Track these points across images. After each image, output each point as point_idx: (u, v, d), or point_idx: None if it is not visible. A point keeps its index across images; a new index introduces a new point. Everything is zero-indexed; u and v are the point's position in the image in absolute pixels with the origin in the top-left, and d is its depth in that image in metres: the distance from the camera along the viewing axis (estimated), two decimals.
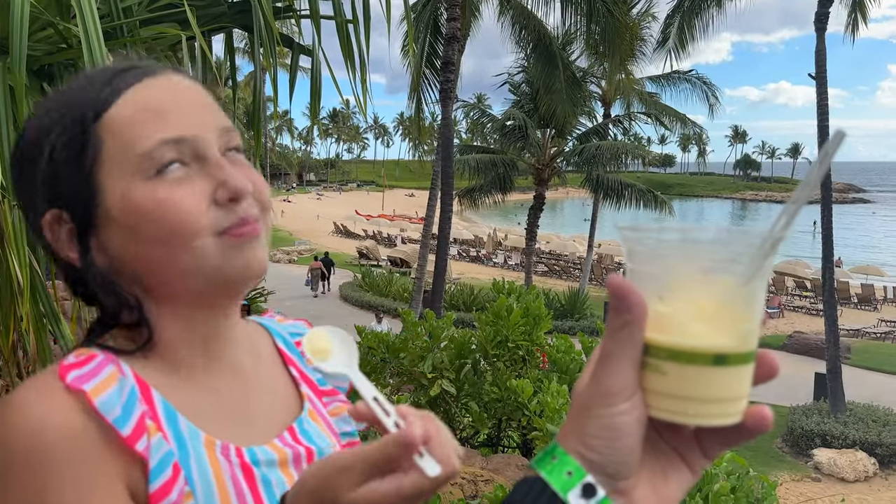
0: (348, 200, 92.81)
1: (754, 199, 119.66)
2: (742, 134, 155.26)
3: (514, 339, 4.80)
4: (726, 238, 0.53)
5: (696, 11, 16.35)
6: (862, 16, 15.97)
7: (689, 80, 24.91)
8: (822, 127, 14.18)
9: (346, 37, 3.32)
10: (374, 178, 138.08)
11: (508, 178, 23.47)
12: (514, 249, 42.51)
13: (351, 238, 50.92)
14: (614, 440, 0.51)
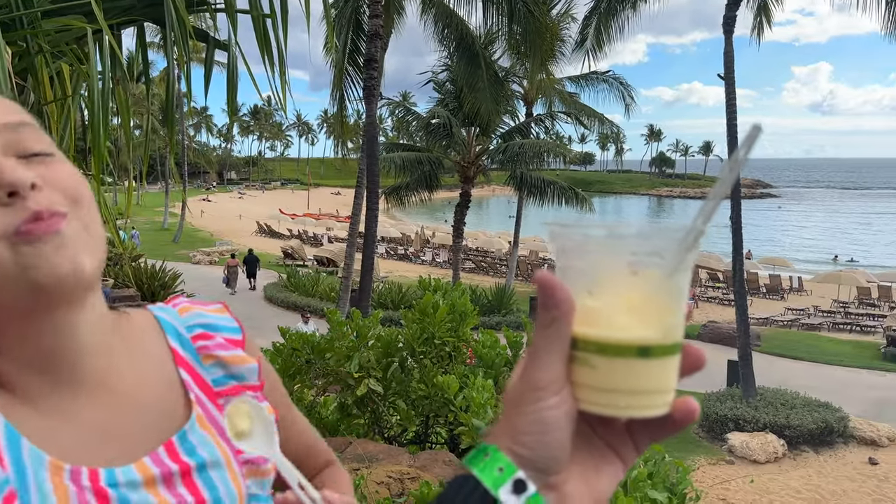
0: (272, 199, 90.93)
1: (669, 195, 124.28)
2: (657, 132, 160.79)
3: (440, 335, 4.83)
4: (650, 233, 0.53)
5: (613, 13, 16.80)
6: (767, 19, 16.82)
7: (606, 81, 25.65)
8: (731, 125, 14.85)
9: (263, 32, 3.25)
10: (299, 176, 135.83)
11: (435, 175, 23.55)
12: (441, 247, 42.68)
13: (275, 238, 49.90)
14: (544, 435, 0.51)
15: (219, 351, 0.85)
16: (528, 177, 23.81)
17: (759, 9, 16.59)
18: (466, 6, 14.57)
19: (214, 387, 0.83)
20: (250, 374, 0.87)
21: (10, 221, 0.63)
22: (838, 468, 13.00)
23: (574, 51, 18.83)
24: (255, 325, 9.48)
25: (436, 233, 49.90)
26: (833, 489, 12.10)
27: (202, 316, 0.88)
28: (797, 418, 13.77)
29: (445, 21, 15.89)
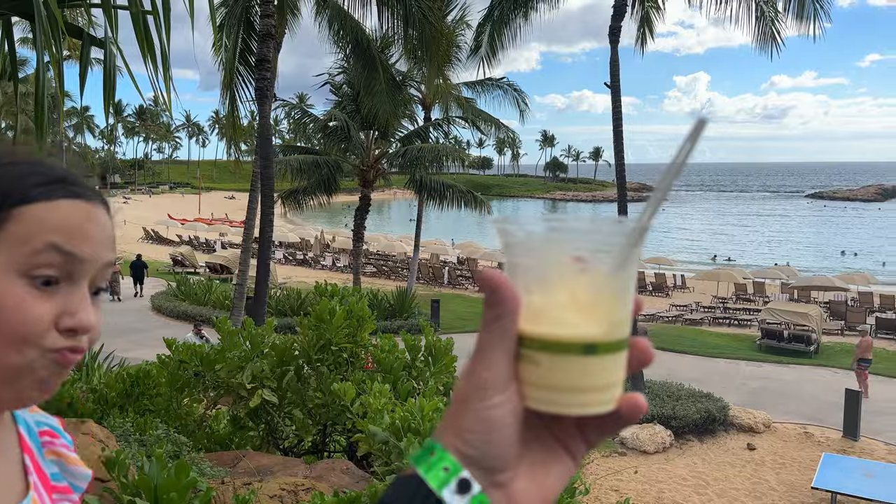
0: (160, 204, 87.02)
1: (563, 198, 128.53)
2: (551, 138, 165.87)
3: (337, 342, 4.75)
4: (596, 229, 0.53)
5: (505, 21, 17.17)
6: (649, 31, 17.70)
7: (501, 87, 26.23)
8: (618, 132, 15.53)
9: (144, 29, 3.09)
10: (190, 179, 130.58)
11: (333, 179, 23.24)
12: (342, 251, 42.21)
13: (164, 244, 47.72)
14: (489, 433, 0.50)
15: (61, 449, 0.90)
16: (428, 180, 23.95)
17: (642, 20, 17.43)
18: (361, 9, 14.47)
19: (52, 481, 0.87)
20: (83, 480, 0.90)
21: (57, 341, 0.74)
22: (720, 455, 13.84)
23: (469, 57, 19.13)
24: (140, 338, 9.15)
25: (336, 237, 49.30)
26: (716, 475, 12.86)
27: (48, 419, 0.92)
28: (682, 409, 14.55)
29: (340, 23, 15.71)
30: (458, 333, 23.39)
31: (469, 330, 24.14)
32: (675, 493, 12.00)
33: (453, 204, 24.62)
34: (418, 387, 4.81)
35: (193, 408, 5.00)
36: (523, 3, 16.73)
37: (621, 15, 15.61)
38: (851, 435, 14.33)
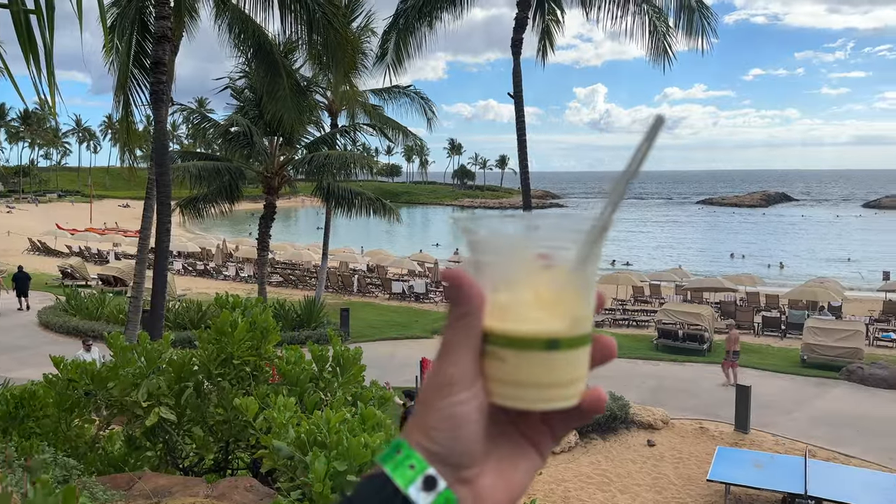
0: (48, 213, 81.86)
1: (471, 205, 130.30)
2: (458, 146, 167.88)
3: (240, 355, 4.59)
4: (558, 226, 0.53)
5: (410, 30, 17.25)
6: (550, 43, 18.24)
7: (408, 95, 26.31)
8: (521, 140, 15.90)
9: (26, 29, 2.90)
10: (80, 187, 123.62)
11: (236, 186, 22.57)
12: (246, 261, 41.05)
13: (52, 256, 44.90)
14: (455, 429, 0.50)
15: None
16: (336, 188, 23.68)
17: (543, 33, 17.94)
18: (263, 13, 14.14)
19: None
20: None
21: None
22: (622, 452, 14.35)
23: (375, 64, 19.10)
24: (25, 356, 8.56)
25: (239, 246, 47.92)
26: (619, 472, 13.33)
27: None
28: None
29: (241, 27, 15.29)
30: (369, 342, 23.22)
31: (380, 338, 24.04)
32: (580, 491, 12.34)
33: (362, 211, 24.46)
34: (326, 398, 4.73)
35: (85, 429, 4.71)
36: (428, 12, 16.87)
37: (523, 27, 16.01)
38: (742, 428, 15.21)
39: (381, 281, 35.80)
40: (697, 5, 15.71)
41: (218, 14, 15.51)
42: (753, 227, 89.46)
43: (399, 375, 18.72)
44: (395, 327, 26.12)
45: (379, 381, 5.09)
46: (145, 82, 14.39)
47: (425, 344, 23.30)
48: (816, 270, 42.66)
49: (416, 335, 24.85)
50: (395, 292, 33.33)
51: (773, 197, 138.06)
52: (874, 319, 27.89)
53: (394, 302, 32.42)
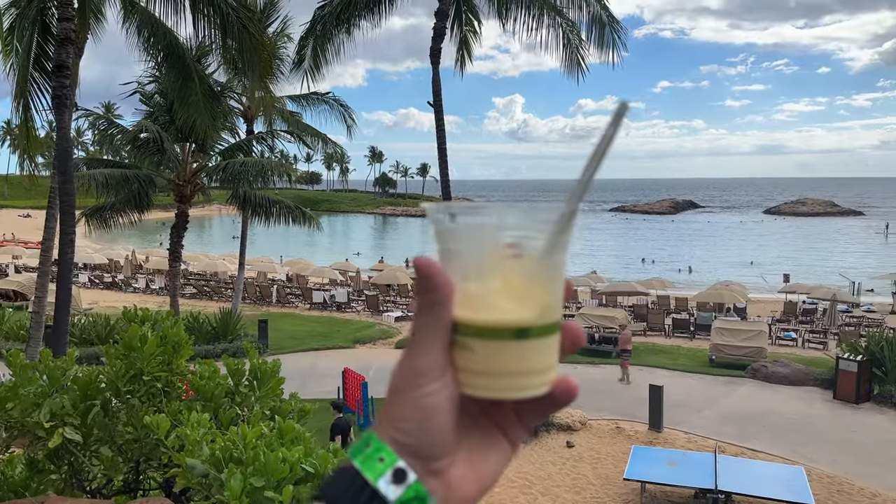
0: None
1: (392, 213, 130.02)
2: (379, 154, 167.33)
3: (150, 371, 4.41)
4: (525, 214, 0.53)
5: (328, 37, 17.09)
6: (468, 53, 18.48)
7: (327, 102, 26.05)
8: (442, 149, 16.01)
9: None
10: None
11: (145, 194, 21.73)
12: (157, 272, 39.56)
13: None
14: (426, 421, 0.50)
15: None
16: (253, 196, 23.16)
17: (461, 43, 18.16)
18: (175, 16, 13.67)
19: None
20: None
21: None
22: (543, 454, 14.61)
23: (293, 70, 18.81)
24: None
25: (150, 257, 46.10)
26: (539, 474, 13.55)
27: None
28: None
29: (151, 30, 14.74)
30: (289, 353, 22.77)
31: (300, 349, 23.61)
32: (503, 494, 12.47)
33: (280, 220, 24.02)
34: (243, 413, 4.61)
35: None
36: (346, 19, 16.76)
37: (441, 37, 16.15)
38: (656, 427, 15.76)
39: (302, 291, 35.21)
40: (608, 20, 16.28)
41: (126, 16, 14.91)
42: (663, 233, 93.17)
43: (320, 386, 18.43)
44: (317, 338, 25.73)
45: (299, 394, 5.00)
46: (47, 86, 13.65)
47: (347, 354, 23.06)
48: (722, 274, 44.82)
49: (338, 345, 24.56)
50: (316, 302, 32.85)
51: (682, 204, 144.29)
52: (776, 320, 29.55)
53: (315, 312, 31.93)
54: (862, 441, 15.54)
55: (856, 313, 31.91)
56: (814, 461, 14.09)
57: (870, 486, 13.09)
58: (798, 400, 18.54)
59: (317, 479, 2.76)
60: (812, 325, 29.24)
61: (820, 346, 25.45)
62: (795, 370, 20.40)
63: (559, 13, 16.49)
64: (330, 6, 16.80)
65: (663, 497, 12.56)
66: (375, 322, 29.29)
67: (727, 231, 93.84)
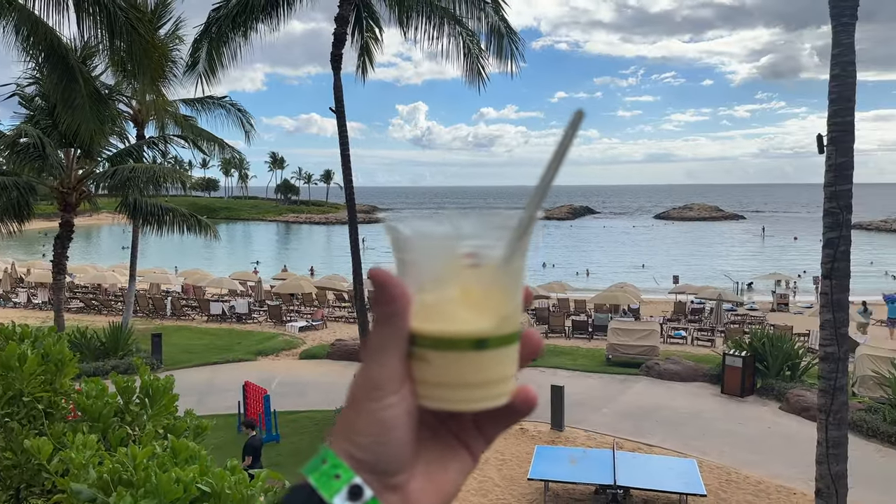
0: None
1: (296, 220, 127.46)
2: (280, 160, 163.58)
3: (30, 391, 4.13)
4: (483, 223, 0.52)
5: (224, 40, 16.59)
6: (369, 60, 18.42)
7: (224, 106, 25.24)
8: (345, 155, 15.86)
9: None
10: None
11: (26, 203, 20.29)
12: (40, 285, 37.03)
13: None
14: (383, 435, 0.49)
15: None
16: (144, 204, 22.14)
17: (362, 49, 18.08)
18: (57, 15, 12.87)
19: None
20: None
21: None
22: None
23: (186, 73, 18.09)
24: None
25: (32, 269, 43.18)
26: None
27: None
28: None
29: (30, 29, 13.80)
30: (186, 368, 21.86)
31: (198, 364, 22.71)
32: None
33: (174, 229, 23.06)
34: (134, 433, 4.38)
35: None
36: (242, 22, 16.31)
37: (342, 43, 16.02)
38: (558, 426, 16.20)
39: (199, 302, 33.91)
40: (506, 31, 16.64)
41: (1, 14, 13.91)
42: (562, 237, 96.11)
43: (221, 401, 17.82)
44: (216, 351, 24.85)
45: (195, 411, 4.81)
46: None
47: (248, 367, 22.39)
48: (617, 277, 46.68)
49: (238, 358, 23.81)
50: (215, 314, 31.74)
51: (579, 210, 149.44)
52: (667, 319, 31.11)
53: (213, 324, 30.83)
54: (747, 432, 16.57)
55: (740, 312, 34.08)
56: (705, 453, 14.90)
57: (755, 474, 13.98)
58: (689, 395, 19.57)
59: (214, 499, 2.66)
60: (700, 323, 30.97)
61: (708, 343, 26.99)
62: (686, 367, 21.53)
63: (459, 23, 16.71)
64: (225, 8, 16.31)
65: (566, 495, 12.92)
66: (278, 333, 28.62)
67: (621, 235, 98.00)
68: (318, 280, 41.69)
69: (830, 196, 8.02)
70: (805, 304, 35.43)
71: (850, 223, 8.10)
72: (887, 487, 13.30)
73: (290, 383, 20.17)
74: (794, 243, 76.38)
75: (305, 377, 21.07)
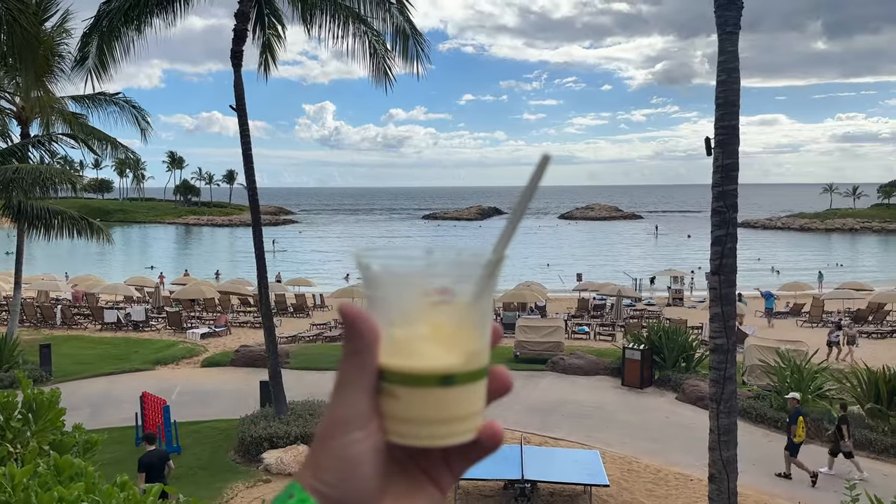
0: None
1: (197, 223, 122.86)
2: (179, 160, 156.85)
3: None
4: (452, 261, 0.53)
5: (116, 34, 15.76)
6: (272, 57, 18.00)
7: (117, 103, 23.97)
8: (247, 154, 15.42)
9: None
10: None
11: None
12: None
13: None
14: (348, 471, 0.49)
15: None
16: (30, 206, 20.77)
17: (264, 47, 17.64)
18: None
19: None
20: None
21: None
22: None
23: (75, 69, 17.07)
24: None
25: None
26: None
27: None
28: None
29: None
30: (78, 380, 20.68)
31: (92, 375, 21.53)
32: None
33: (63, 233, 21.75)
34: (15, 451, 4.09)
35: None
36: (135, 17, 15.54)
37: (242, 40, 15.57)
38: None
39: (91, 310, 32.13)
40: (412, 32, 16.65)
41: None
42: (472, 238, 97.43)
43: (117, 414, 16.97)
44: (111, 361, 23.62)
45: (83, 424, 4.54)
46: None
47: (147, 376, 21.42)
48: (524, 275, 47.67)
49: (136, 368, 22.72)
50: (109, 322, 30.15)
51: (487, 211, 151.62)
52: (571, 315, 32.07)
53: (108, 333, 29.30)
54: (647, 422, 17.32)
55: (638, 307, 35.59)
56: (608, 444, 15.46)
57: (655, 462, 14.63)
58: (592, 389, 20.25)
59: None
60: (602, 319, 32.14)
61: (609, 337, 28.03)
62: (589, 361, 22.28)
63: (364, 22, 16.58)
64: (117, 1, 15.50)
65: (476, 491, 13.08)
66: (179, 340, 27.51)
67: (527, 235, 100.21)
68: (221, 284, 40.37)
69: (718, 196, 8.49)
70: (698, 299, 37.40)
71: (737, 221, 8.62)
72: (773, 469, 14.24)
73: (192, 392, 19.43)
74: (688, 241, 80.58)
75: (208, 385, 20.36)
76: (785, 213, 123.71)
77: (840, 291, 36.05)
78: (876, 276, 51.64)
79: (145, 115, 24.10)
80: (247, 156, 15.44)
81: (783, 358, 18.08)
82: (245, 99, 15.31)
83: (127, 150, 25.69)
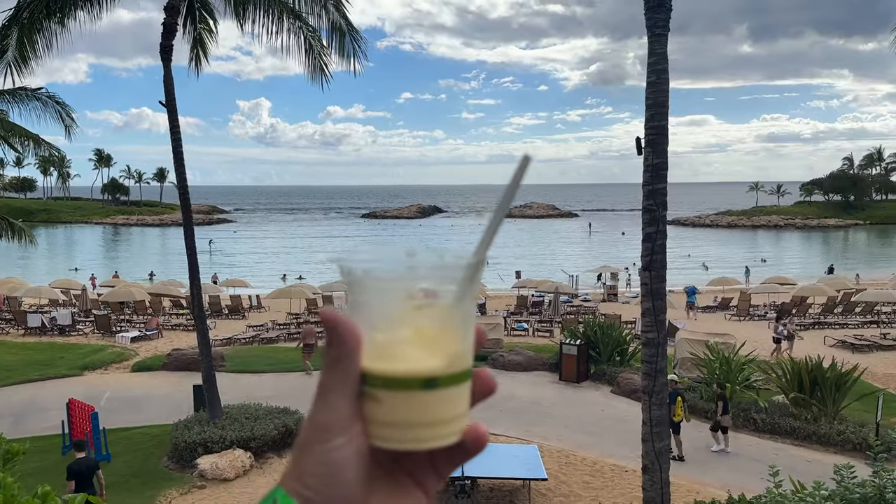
0: None
1: (126, 223, 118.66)
2: (107, 158, 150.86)
3: None
4: (432, 265, 0.52)
5: (38, 27, 15.05)
6: (203, 52, 17.52)
7: (39, 99, 22.90)
8: (178, 152, 14.99)
9: None
10: None
11: None
12: None
13: None
14: (331, 476, 0.49)
15: None
16: None
17: (195, 41, 17.17)
18: None
19: None
20: None
21: None
22: None
23: None
24: None
25: None
26: None
27: None
28: (261, 428, 14.71)
29: None
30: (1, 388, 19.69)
31: (15, 382, 20.58)
32: None
33: None
34: None
35: None
36: (59, 9, 14.89)
37: (172, 34, 15.12)
38: None
39: (14, 314, 30.68)
40: (348, 28, 16.48)
41: None
42: (413, 237, 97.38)
43: (41, 422, 16.30)
44: (35, 367, 22.61)
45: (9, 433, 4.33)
46: None
47: (74, 382, 20.59)
48: None
49: (62, 373, 21.81)
50: (33, 326, 28.84)
51: (427, 209, 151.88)
52: (510, 312, 32.46)
53: (31, 338, 28.03)
54: (583, 416, 17.68)
55: (575, 303, 36.27)
56: (546, 438, 15.71)
57: (591, 455, 14.95)
58: (531, 384, 20.54)
59: None
60: (540, 315, 32.61)
61: (547, 333, 28.49)
62: (528, 357, 22.58)
63: (299, 18, 16.31)
64: None
65: None
66: (107, 345, 26.54)
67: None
68: (152, 286, 39.14)
69: (648, 194, 8.73)
70: (632, 295, 38.40)
71: (666, 219, 8.88)
72: (702, 459, 14.74)
73: (122, 398, 18.79)
74: (622, 238, 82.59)
75: (139, 391, 19.72)
76: (713, 211, 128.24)
77: (765, 286, 37.60)
78: (798, 271, 54.10)
79: (70, 112, 23.06)
80: (177, 153, 15.01)
81: (712, 350, 18.72)
82: (175, 95, 14.89)
83: (51, 147, 24.56)
